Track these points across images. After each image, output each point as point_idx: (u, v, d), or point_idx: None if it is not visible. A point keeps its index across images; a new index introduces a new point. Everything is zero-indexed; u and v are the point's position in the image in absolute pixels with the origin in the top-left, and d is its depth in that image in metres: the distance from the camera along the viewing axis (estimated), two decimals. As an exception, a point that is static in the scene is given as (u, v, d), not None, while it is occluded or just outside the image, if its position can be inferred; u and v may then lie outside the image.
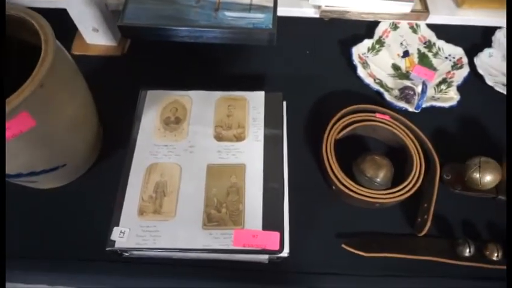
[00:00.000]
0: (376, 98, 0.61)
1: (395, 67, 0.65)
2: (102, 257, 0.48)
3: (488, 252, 0.49)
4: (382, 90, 0.61)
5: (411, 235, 0.52)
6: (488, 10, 0.62)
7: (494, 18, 0.62)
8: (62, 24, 0.61)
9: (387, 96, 0.60)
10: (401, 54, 0.66)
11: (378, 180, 0.51)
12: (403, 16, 0.59)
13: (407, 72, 0.65)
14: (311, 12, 0.60)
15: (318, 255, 0.50)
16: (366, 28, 0.69)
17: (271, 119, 0.54)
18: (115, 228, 0.46)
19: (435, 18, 0.61)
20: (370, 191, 0.51)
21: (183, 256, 0.48)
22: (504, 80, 0.64)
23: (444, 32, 0.68)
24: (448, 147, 0.58)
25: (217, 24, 0.55)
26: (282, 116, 0.55)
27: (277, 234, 0.45)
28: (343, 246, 0.50)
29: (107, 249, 0.45)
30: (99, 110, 0.56)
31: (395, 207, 0.54)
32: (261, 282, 0.48)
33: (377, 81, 0.63)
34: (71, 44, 0.66)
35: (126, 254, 0.48)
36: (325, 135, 0.54)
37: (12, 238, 0.49)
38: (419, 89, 0.59)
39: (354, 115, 0.56)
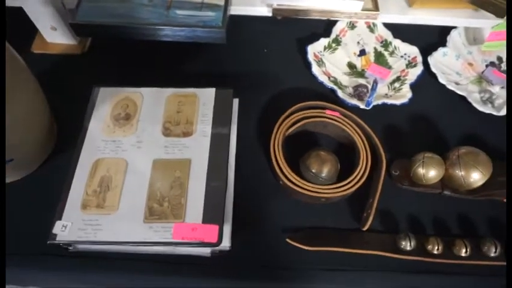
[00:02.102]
0: (330, 96, 0.62)
1: (351, 65, 0.66)
2: (48, 251, 0.48)
3: (430, 246, 0.50)
4: (335, 87, 0.62)
5: (356, 230, 0.52)
6: (440, 10, 0.63)
7: (446, 17, 0.63)
8: (26, 22, 0.62)
9: (340, 94, 0.61)
10: (358, 53, 0.67)
11: (323, 175, 0.52)
12: (354, 15, 0.60)
13: (363, 70, 0.66)
14: (264, 11, 0.61)
15: (261, 249, 0.50)
16: (325, 27, 0.70)
17: (220, 115, 0.55)
18: (57, 222, 0.47)
19: (386, 17, 0.62)
20: (315, 185, 0.51)
21: (127, 250, 0.49)
22: (456, 78, 0.65)
23: (402, 31, 0.69)
24: (398, 144, 0.59)
25: (169, 22, 0.56)
26: (231, 112, 0.56)
27: (216, 227, 0.46)
28: (288, 240, 0.50)
29: (48, 242, 0.46)
30: (56, 107, 0.57)
31: (343, 202, 0.54)
32: (203, 275, 0.48)
33: (331, 79, 0.63)
34: (32, 42, 0.67)
35: (71, 248, 0.49)
36: (274, 131, 0.55)
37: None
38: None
39: (304, 111, 0.57)
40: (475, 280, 0.50)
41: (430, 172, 0.52)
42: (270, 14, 0.61)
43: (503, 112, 0.60)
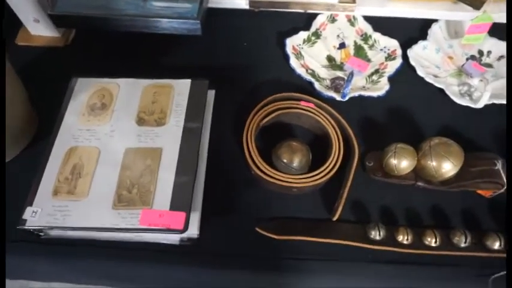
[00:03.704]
0: (307, 88, 0.62)
1: (330, 59, 0.66)
2: (20, 238, 0.49)
3: (400, 237, 0.50)
4: (313, 80, 0.62)
5: (327, 220, 0.52)
6: (419, 2, 0.63)
7: (425, 10, 0.63)
8: (11, 15, 0.63)
9: (317, 86, 0.61)
10: (338, 46, 0.68)
11: (294, 165, 0.52)
12: (331, 7, 0.60)
13: (342, 63, 0.66)
14: (242, 3, 0.61)
15: (231, 238, 0.50)
16: (306, 21, 0.70)
17: (194, 106, 0.55)
18: (28, 207, 0.47)
19: (365, 10, 0.62)
20: (285, 175, 0.51)
21: (98, 237, 0.49)
22: (436, 71, 0.65)
23: (383, 25, 0.69)
24: (374, 136, 0.59)
25: (145, 14, 0.57)
26: (205, 102, 0.56)
27: (183, 214, 0.46)
28: (257, 229, 0.50)
29: (18, 227, 0.46)
30: (38, 98, 0.58)
31: (315, 193, 0.54)
32: (172, 263, 0.49)
33: (309, 71, 0.64)
34: (17, 35, 0.69)
35: (42, 234, 0.49)
36: (248, 121, 0.55)
37: None
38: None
39: (279, 103, 0.57)
40: (445, 270, 0.49)
41: (402, 162, 0.52)
42: (248, 7, 0.61)
43: (480, 105, 0.60)
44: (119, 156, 0.51)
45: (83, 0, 0.58)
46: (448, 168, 0.51)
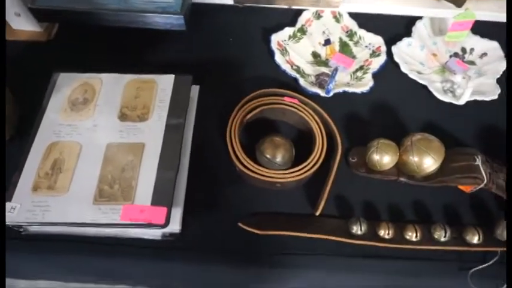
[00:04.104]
0: (292, 84, 0.62)
1: (315, 55, 0.67)
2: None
3: (381, 231, 0.50)
4: (298, 76, 0.62)
5: (310, 215, 0.52)
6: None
7: (409, 7, 0.63)
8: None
9: (302, 82, 0.61)
10: (323, 43, 0.68)
11: (277, 160, 0.52)
12: (315, 3, 0.60)
13: (327, 59, 0.66)
14: (227, -1, 0.61)
15: (213, 234, 0.50)
16: (292, 17, 0.70)
17: (177, 101, 0.55)
18: (7, 203, 0.47)
19: (350, 7, 0.62)
20: (269, 170, 0.51)
21: (79, 232, 0.49)
22: (420, 68, 0.66)
23: (368, 22, 0.69)
24: (358, 132, 0.59)
25: (127, 8, 0.56)
26: (188, 98, 0.56)
27: (164, 209, 0.46)
28: (240, 224, 0.50)
29: (-4, 223, 0.46)
30: (20, 93, 0.57)
31: (299, 188, 0.54)
32: (154, 258, 0.49)
33: (294, 67, 0.64)
34: (-2, 30, 0.68)
35: (22, 230, 0.49)
36: (231, 117, 0.55)
37: None
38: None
39: (263, 98, 0.57)
40: (425, 264, 0.50)
41: (384, 158, 0.52)
42: (233, 2, 0.61)
43: (462, 101, 0.60)
44: (100, 152, 0.50)
45: (64, -7, 0.57)
46: (429, 163, 0.51)
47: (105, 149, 0.51)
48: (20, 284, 0.87)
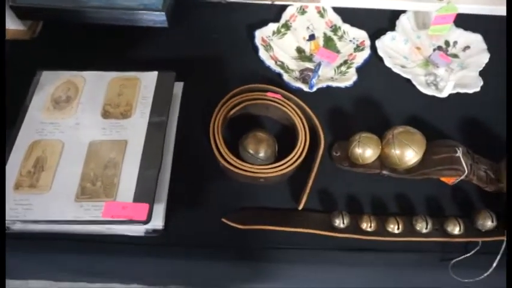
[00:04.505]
0: (276, 79, 0.63)
1: (300, 50, 0.67)
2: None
3: (363, 224, 0.50)
4: (282, 71, 0.62)
5: (294, 209, 0.53)
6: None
7: (392, 1, 0.63)
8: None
9: (285, 77, 0.61)
10: (308, 38, 0.68)
11: (261, 155, 0.52)
12: (297, -2, 0.60)
13: (311, 55, 0.66)
14: (210, -5, 0.61)
15: (197, 229, 0.50)
16: (276, 13, 0.70)
17: (160, 98, 0.55)
18: (-12, 202, 0.47)
19: (334, 1, 0.62)
20: (251, 165, 0.52)
21: (62, 230, 0.49)
22: (403, 62, 0.66)
23: (352, 17, 0.70)
24: (342, 126, 0.60)
25: (109, 5, 0.56)
26: (171, 94, 0.56)
27: (146, 205, 0.46)
28: (223, 220, 0.51)
29: (-23, 223, 0.46)
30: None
31: (283, 183, 0.55)
32: (137, 255, 0.49)
33: (278, 63, 0.64)
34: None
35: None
36: (215, 113, 0.55)
37: None
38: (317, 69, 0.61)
39: (246, 94, 0.57)
40: (407, 256, 0.50)
41: (366, 151, 0.53)
42: (215, -2, 0.61)
43: (445, 94, 0.61)
44: (83, 149, 0.50)
45: (46, -9, 0.57)
46: (410, 156, 0.52)
47: (87, 147, 0.51)
48: (10, 284, 0.88)
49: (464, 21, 0.69)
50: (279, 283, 0.52)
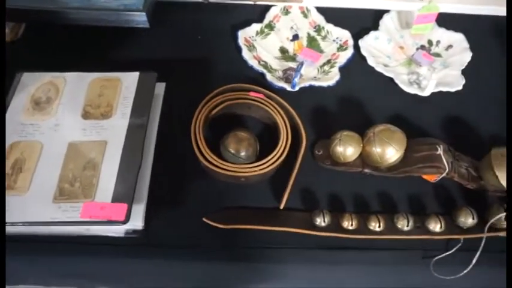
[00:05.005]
0: (259, 79, 0.63)
1: (283, 50, 0.67)
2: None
3: (345, 223, 0.50)
4: (265, 71, 0.62)
5: (276, 209, 0.52)
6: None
7: (379, 1, 0.63)
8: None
9: (268, 77, 0.61)
10: (291, 38, 0.68)
11: (242, 154, 0.52)
12: (279, -2, 0.60)
13: (295, 54, 0.66)
14: (191, -4, 0.61)
15: (178, 230, 0.50)
16: (260, 13, 0.70)
17: (141, 98, 0.55)
18: (-36, 204, 0.46)
19: (317, 1, 0.62)
20: (233, 165, 0.51)
21: (42, 232, 0.48)
22: (386, 61, 0.66)
23: (336, 17, 0.70)
24: (325, 125, 0.60)
25: (90, 6, 0.56)
26: (152, 95, 0.56)
27: (124, 205, 0.46)
28: (204, 220, 0.50)
29: (-46, 225, 0.45)
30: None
31: (265, 182, 0.54)
32: (117, 255, 0.48)
33: (262, 63, 0.64)
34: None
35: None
36: (196, 113, 0.55)
37: None
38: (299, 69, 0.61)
39: (228, 94, 0.57)
40: (389, 254, 0.50)
41: (347, 150, 0.53)
42: (197, -1, 0.61)
43: (427, 93, 0.61)
44: (62, 150, 0.50)
45: (26, -7, 0.57)
46: (391, 154, 0.52)
47: (67, 148, 0.50)
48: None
49: (447, 21, 0.69)
50: (261, 282, 0.51)
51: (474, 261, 0.46)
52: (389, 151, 0.51)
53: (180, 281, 0.52)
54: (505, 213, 0.48)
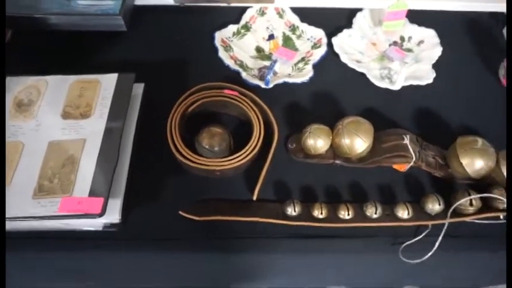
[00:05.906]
0: (235, 78, 0.65)
1: (259, 49, 0.69)
2: None
3: (315, 212, 0.52)
4: (240, 70, 0.64)
5: (249, 200, 0.54)
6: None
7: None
8: None
9: (244, 75, 0.63)
10: (267, 38, 0.70)
11: (215, 149, 0.54)
12: (251, -1, 0.63)
13: (270, 53, 0.69)
14: (169, 0, 0.64)
15: (155, 223, 0.52)
16: (238, 15, 0.73)
17: (119, 98, 0.57)
18: None
19: (293, 2, 0.65)
20: (207, 159, 0.53)
21: (21, 228, 0.50)
22: (359, 57, 0.68)
23: (311, 16, 0.72)
24: (298, 119, 0.61)
25: (69, 12, 0.59)
26: (130, 94, 0.58)
27: (100, 199, 0.48)
28: (180, 212, 0.52)
29: None
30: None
31: (239, 176, 0.56)
32: (96, 249, 0.50)
33: (238, 62, 0.66)
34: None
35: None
36: (173, 110, 0.57)
37: None
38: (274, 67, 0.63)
39: (204, 92, 0.60)
40: (359, 242, 0.52)
41: (318, 142, 0.55)
42: (173, 2, 0.63)
43: (397, 86, 0.63)
44: (42, 149, 0.52)
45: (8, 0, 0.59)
46: (359, 144, 0.53)
47: (47, 147, 0.53)
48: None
49: (418, 17, 0.71)
50: (235, 271, 0.53)
51: (437, 244, 0.48)
52: (358, 142, 0.53)
53: (157, 272, 0.54)
54: (468, 198, 0.50)
